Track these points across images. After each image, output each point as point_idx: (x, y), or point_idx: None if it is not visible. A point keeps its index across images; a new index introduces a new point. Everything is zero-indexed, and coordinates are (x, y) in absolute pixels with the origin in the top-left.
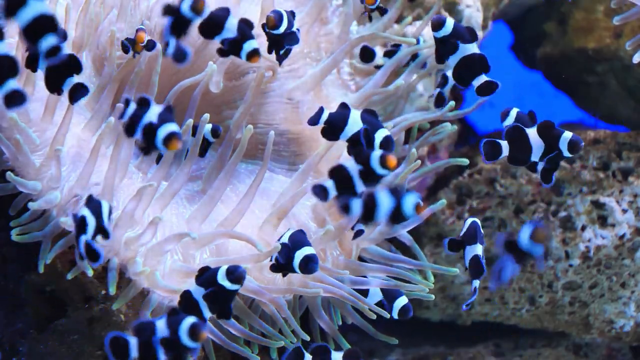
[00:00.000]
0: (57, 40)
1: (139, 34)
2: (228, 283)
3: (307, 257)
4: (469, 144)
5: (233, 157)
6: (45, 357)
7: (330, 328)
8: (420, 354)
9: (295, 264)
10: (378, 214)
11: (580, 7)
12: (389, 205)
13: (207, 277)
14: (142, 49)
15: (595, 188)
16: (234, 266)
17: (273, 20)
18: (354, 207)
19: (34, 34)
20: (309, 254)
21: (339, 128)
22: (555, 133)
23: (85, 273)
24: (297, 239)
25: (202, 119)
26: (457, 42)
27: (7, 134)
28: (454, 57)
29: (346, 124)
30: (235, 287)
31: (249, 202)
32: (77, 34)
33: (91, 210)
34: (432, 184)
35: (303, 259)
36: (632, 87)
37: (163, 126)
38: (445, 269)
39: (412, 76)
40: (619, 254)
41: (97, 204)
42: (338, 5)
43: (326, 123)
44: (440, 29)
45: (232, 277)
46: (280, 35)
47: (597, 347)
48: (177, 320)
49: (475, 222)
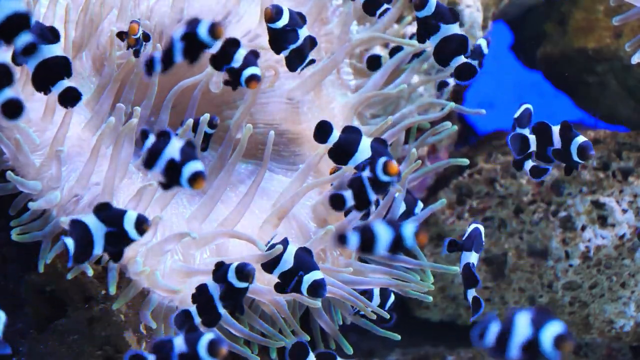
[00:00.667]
0: (33, 37)
1: (131, 25)
2: (236, 281)
3: (316, 283)
4: (469, 144)
5: (233, 157)
6: (45, 357)
7: (331, 328)
8: (420, 354)
9: (303, 288)
10: (377, 247)
11: (580, 7)
12: (388, 237)
13: (220, 273)
14: (135, 41)
15: (595, 188)
16: (243, 264)
17: (269, 12)
18: (351, 241)
19: (9, 32)
20: (318, 279)
21: (348, 154)
22: (570, 135)
23: (85, 273)
24: (304, 260)
25: (202, 119)
26: (439, 23)
27: (7, 133)
28: (435, 37)
29: (356, 150)
30: (243, 285)
31: (249, 202)
32: (77, 34)
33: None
34: (432, 184)
35: (312, 285)
36: (632, 87)
37: (188, 164)
38: (446, 268)
39: (412, 76)
40: (619, 254)
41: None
42: (338, 5)
43: (335, 145)
44: (423, 9)
45: (241, 275)
46: (279, 30)
47: (597, 347)
48: (196, 337)
49: (477, 230)
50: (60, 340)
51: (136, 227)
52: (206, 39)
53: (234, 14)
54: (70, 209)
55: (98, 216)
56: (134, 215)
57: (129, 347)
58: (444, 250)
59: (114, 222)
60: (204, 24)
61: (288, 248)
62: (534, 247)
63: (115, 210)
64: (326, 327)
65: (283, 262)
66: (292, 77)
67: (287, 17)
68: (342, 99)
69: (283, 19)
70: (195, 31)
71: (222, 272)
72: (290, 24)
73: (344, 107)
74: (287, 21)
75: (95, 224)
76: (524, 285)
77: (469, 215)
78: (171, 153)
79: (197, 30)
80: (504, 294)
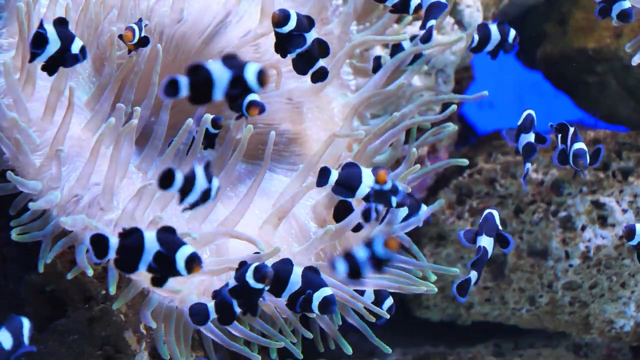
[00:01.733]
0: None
1: (125, 32)
2: (253, 281)
3: (327, 300)
4: (469, 144)
5: (233, 157)
6: (45, 357)
7: (330, 328)
8: (420, 354)
9: (314, 306)
10: (363, 272)
11: (580, 7)
12: (365, 256)
13: (239, 274)
14: (133, 47)
15: (595, 188)
16: (262, 265)
17: (276, 17)
18: (339, 269)
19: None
20: (328, 295)
21: (352, 187)
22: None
23: (85, 273)
24: (312, 279)
25: (202, 119)
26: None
27: (7, 133)
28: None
29: (360, 182)
30: (259, 286)
31: (249, 202)
32: (77, 34)
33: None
34: (432, 184)
35: (322, 302)
36: (632, 87)
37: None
38: (445, 269)
39: (412, 76)
40: (619, 254)
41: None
42: (338, 5)
43: (338, 183)
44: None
45: (258, 276)
46: (286, 35)
47: (597, 347)
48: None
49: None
50: (60, 340)
51: (187, 262)
52: (253, 85)
53: (234, 14)
54: (70, 209)
55: (158, 235)
56: (189, 250)
57: (129, 347)
58: (463, 241)
59: (169, 247)
60: (252, 70)
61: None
62: (534, 247)
63: (175, 237)
64: (326, 328)
65: (291, 284)
66: (292, 78)
67: (294, 22)
68: (342, 99)
69: (290, 23)
70: (242, 75)
71: (241, 271)
72: (298, 28)
73: (344, 107)
74: (294, 25)
75: (152, 240)
76: (524, 285)
77: (469, 215)
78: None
79: (245, 75)
80: (504, 294)
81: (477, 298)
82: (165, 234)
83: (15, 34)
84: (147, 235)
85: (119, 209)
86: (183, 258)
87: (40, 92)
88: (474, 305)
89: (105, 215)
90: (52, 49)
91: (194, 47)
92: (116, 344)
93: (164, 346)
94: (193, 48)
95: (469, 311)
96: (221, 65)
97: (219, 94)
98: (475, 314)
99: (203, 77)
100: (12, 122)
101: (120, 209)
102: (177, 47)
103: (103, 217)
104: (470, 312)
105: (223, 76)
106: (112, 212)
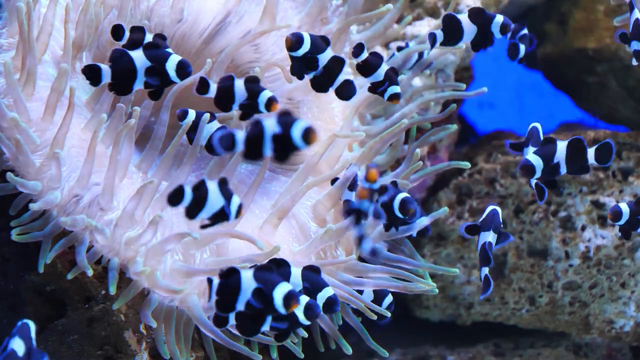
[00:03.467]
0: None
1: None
2: (302, 317)
3: (330, 300)
4: (469, 144)
5: (234, 158)
6: None
7: (330, 328)
8: (420, 354)
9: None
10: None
11: (580, 7)
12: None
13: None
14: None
15: (595, 188)
16: (314, 304)
17: (289, 41)
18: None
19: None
20: (331, 295)
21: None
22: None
23: (85, 273)
24: (313, 280)
25: (203, 119)
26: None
27: (8, 133)
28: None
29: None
30: (307, 323)
31: (249, 202)
32: (77, 34)
33: None
34: (432, 184)
35: (326, 302)
36: (632, 87)
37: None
38: (445, 269)
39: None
40: (619, 254)
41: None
42: (338, 5)
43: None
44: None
45: (309, 314)
46: (301, 58)
47: (597, 347)
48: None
49: (494, 210)
50: (60, 340)
51: (285, 300)
52: (299, 143)
53: (234, 14)
54: (70, 209)
55: (256, 272)
56: (287, 288)
57: (128, 347)
58: (463, 232)
59: (267, 282)
60: (299, 128)
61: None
62: (534, 247)
63: (274, 276)
64: (326, 328)
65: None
66: (292, 78)
67: (308, 44)
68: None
69: (304, 46)
70: (289, 133)
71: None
72: (312, 51)
73: (344, 107)
74: (308, 48)
75: (249, 280)
76: (524, 285)
77: (469, 215)
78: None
79: (292, 133)
80: (504, 294)
81: (477, 298)
82: (262, 272)
83: (15, 34)
84: (245, 274)
85: (119, 209)
86: (281, 296)
87: (40, 92)
88: (474, 306)
89: (105, 215)
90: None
91: (194, 47)
92: (116, 344)
93: (164, 346)
94: (193, 48)
95: (469, 311)
96: (274, 121)
97: (268, 150)
98: (475, 314)
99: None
100: (13, 122)
101: (120, 209)
102: (177, 47)
103: (103, 217)
104: (470, 312)
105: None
106: (112, 212)
